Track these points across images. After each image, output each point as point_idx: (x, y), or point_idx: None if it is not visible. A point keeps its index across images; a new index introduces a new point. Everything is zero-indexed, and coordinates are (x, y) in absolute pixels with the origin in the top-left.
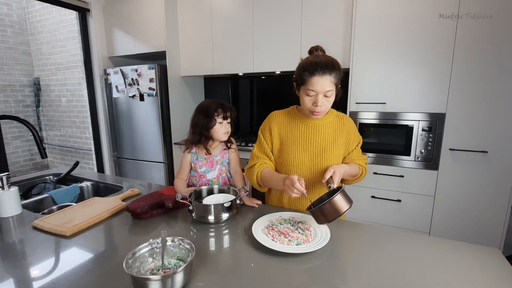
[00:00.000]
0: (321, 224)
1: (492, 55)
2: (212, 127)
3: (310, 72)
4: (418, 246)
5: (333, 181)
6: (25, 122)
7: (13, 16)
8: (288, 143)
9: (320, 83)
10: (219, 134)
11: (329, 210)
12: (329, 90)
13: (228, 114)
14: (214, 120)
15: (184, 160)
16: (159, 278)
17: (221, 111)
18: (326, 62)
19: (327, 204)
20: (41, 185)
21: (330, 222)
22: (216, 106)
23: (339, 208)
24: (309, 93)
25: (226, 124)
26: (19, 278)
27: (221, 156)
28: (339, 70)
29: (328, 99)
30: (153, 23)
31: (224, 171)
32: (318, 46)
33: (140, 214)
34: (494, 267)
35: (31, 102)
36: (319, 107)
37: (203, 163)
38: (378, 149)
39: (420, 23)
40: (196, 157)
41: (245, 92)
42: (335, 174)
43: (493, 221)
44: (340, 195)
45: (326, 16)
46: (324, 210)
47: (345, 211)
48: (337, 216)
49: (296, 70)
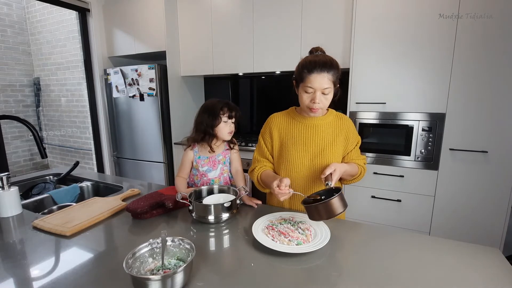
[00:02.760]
0: (313, 220)
1: (492, 55)
2: (217, 126)
3: (308, 70)
4: (418, 246)
5: (331, 179)
6: (25, 122)
7: (13, 16)
8: (287, 143)
9: (318, 80)
10: (224, 133)
11: (324, 210)
12: (327, 87)
13: (233, 113)
14: (220, 119)
15: (186, 158)
16: (159, 278)
17: (227, 110)
18: (325, 61)
19: (324, 204)
20: (41, 185)
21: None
22: (222, 105)
23: (334, 210)
24: (308, 90)
25: (230, 124)
26: (19, 278)
27: (224, 156)
28: (337, 69)
29: (326, 96)
30: (153, 23)
31: (225, 170)
32: (318, 47)
33: (140, 214)
34: (494, 267)
35: (31, 102)
36: (317, 104)
37: (205, 162)
38: (378, 149)
39: (420, 23)
40: (198, 155)
41: (245, 92)
42: (335, 172)
43: (493, 221)
44: (338, 198)
45: (326, 16)
46: (319, 208)
47: (338, 214)
48: (330, 217)
49: (296, 68)
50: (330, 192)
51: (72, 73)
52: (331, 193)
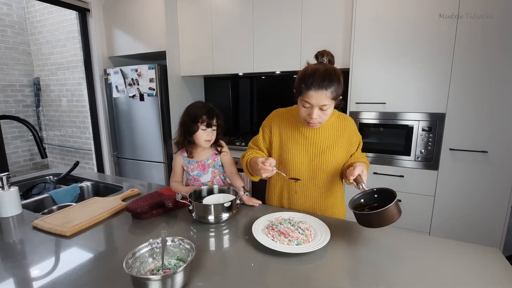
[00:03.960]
0: (365, 227)
1: (492, 55)
2: (195, 133)
3: (306, 86)
4: (418, 246)
5: (362, 180)
6: (25, 122)
7: (13, 16)
8: (288, 142)
9: (316, 98)
10: (201, 140)
11: (382, 217)
12: (325, 104)
13: (213, 121)
14: (197, 127)
15: (176, 163)
16: (159, 278)
17: (206, 118)
18: (324, 77)
19: (383, 211)
20: (41, 185)
21: (373, 228)
22: (201, 113)
23: (391, 217)
24: (305, 105)
25: (209, 132)
26: (19, 278)
27: (213, 160)
28: (338, 84)
29: (324, 112)
30: (153, 23)
31: (217, 173)
32: (324, 52)
33: (140, 214)
34: (494, 267)
35: (31, 102)
36: (314, 119)
37: (194, 166)
38: (378, 149)
39: (420, 23)
40: (188, 160)
41: (245, 92)
42: (364, 173)
43: (493, 221)
44: (395, 205)
45: (326, 16)
46: (378, 216)
47: (395, 221)
48: (385, 224)
49: (296, 77)
50: (373, 195)
51: (72, 73)
52: (373, 195)
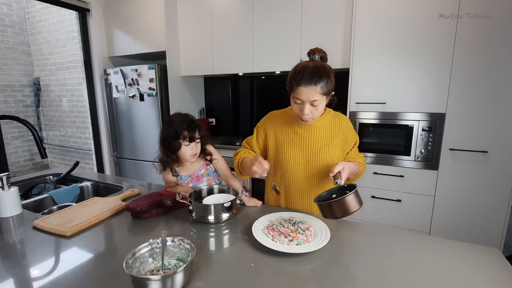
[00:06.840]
0: (326, 218)
1: (492, 55)
2: (178, 150)
3: (296, 82)
4: (418, 246)
5: (341, 177)
6: (25, 122)
7: (13, 16)
8: (283, 143)
9: (305, 93)
10: (186, 156)
11: (339, 207)
12: (316, 99)
13: (196, 135)
14: (179, 143)
15: (167, 179)
16: (159, 278)
17: (187, 134)
18: (312, 73)
19: (338, 202)
20: (41, 185)
21: (335, 219)
22: (182, 129)
23: (349, 208)
24: (296, 101)
25: (193, 146)
26: (19, 278)
27: (205, 169)
28: (328, 79)
29: (315, 107)
30: (153, 23)
31: (212, 179)
32: (316, 49)
33: (139, 213)
34: (494, 267)
35: (31, 102)
36: (306, 115)
37: (188, 180)
38: (378, 149)
39: (420, 23)
40: (180, 176)
41: (245, 92)
42: (344, 170)
43: (493, 221)
44: (353, 195)
45: (326, 16)
46: (333, 206)
47: (354, 211)
48: (345, 215)
49: (288, 75)
50: (343, 190)
51: (72, 73)
52: (344, 191)
